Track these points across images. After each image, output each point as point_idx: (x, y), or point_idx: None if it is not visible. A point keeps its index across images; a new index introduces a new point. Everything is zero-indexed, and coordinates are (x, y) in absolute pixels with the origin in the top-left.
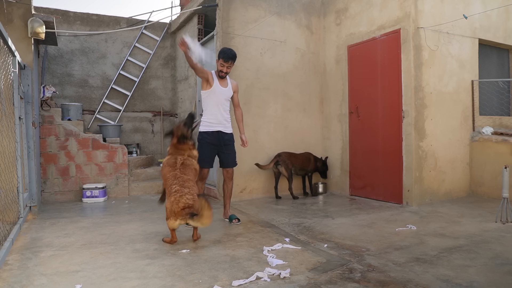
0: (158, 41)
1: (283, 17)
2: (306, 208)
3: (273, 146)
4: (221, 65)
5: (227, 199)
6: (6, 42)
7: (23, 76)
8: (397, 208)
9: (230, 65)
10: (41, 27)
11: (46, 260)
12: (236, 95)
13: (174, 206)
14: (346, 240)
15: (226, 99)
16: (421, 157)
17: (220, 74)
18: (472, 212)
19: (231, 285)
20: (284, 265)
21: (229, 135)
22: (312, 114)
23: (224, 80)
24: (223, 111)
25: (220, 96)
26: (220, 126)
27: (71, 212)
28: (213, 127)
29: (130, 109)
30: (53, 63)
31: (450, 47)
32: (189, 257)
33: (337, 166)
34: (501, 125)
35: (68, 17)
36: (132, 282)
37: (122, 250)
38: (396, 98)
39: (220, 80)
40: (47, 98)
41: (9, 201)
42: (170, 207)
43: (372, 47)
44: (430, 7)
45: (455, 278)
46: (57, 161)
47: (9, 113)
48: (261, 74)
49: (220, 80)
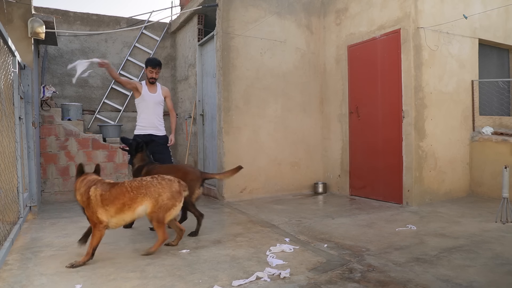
0: (158, 41)
1: (283, 17)
2: (306, 208)
3: (273, 146)
4: (150, 72)
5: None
6: (6, 42)
7: (23, 76)
8: (397, 208)
9: (157, 71)
10: (41, 27)
11: (46, 260)
12: (169, 99)
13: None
14: (346, 240)
15: (156, 103)
16: (421, 157)
17: (150, 80)
18: (472, 212)
19: (231, 285)
20: (284, 265)
21: (160, 137)
22: (312, 114)
23: (153, 86)
24: (155, 115)
25: (150, 101)
26: (152, 129)
27: (71, 212)
28: (145, 130)
29: (130, 109)
30: (53, 63)
31: (450, 47)
32: (189, 257)
33: (337, 166)
34: (501, 125)
35: (68, 17)
36: (132, 282)
37: (122, 250)
38: (396, 98)
39: (150, 87)
40: (47, 98)
41: (9, 201)
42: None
43: (372, 47)
44: (430, 7)
45: (455, 278)
46: (57, 161)
47: (9, 113)
48: (261, 74)
49: (150, 87)
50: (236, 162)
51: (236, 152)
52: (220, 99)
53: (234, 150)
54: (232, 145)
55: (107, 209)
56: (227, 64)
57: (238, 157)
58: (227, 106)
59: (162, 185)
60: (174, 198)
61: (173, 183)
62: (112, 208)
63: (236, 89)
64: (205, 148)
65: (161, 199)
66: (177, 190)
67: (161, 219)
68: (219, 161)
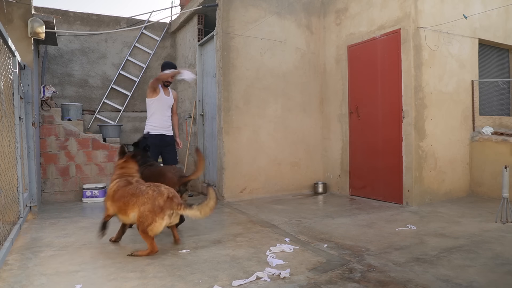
0: (158, 41)
1: (283, 17)
2: (306, 208)
3: (273, 146)
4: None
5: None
6: (6, 42)
7: (23, 76)
8: (397, 208)
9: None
10: (41, 27)
11: (46, 260)
12: (175, 103)
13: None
14: (346, 240)
15: (168, 106)
16: (421, 157)
17: (165, 84)
18: (472, 212)
19: (231, 285)
20: (284, 265)
21: (170, 137)
22: (312, 114)
23: (167, 89)
24: (166, 116)
25: (165, 103)
26: (163, 129)
27: (71, 212)
28: (157, 130)
29: (130, 109)
30: (53, 63)
31: (450, 47)
32: (189, 257)
33: (337, 166)
34: (501, 125)
35: (68, 17)
36: (132, 282)
37: (122, 250)
38: (396, 98)
39: (164, 90)
40: (47, 98)
41: (9, 201)
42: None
43: (372, 47)
44: (430, 7)
45: (455, 278)
46: (57, 161)
47: (9, 113)
48: (261, 74)
49: (164, 90)
50: (236, 162)
51: (236, 152)
52: (220, 99)
53: (234, 150)
54: (232, 145)
55: (113, 204)
56: (227, 64)
57: (238, 157)
58: (227, 106)
59: (149, 196)
60: (154, 212)
61: (157, 197)
62: (115, 206)
63: (236, 89)
64: (205, 148)
65: (143, 209)
66: (159, 205)
67: (144, 230)
68: (219, 161)
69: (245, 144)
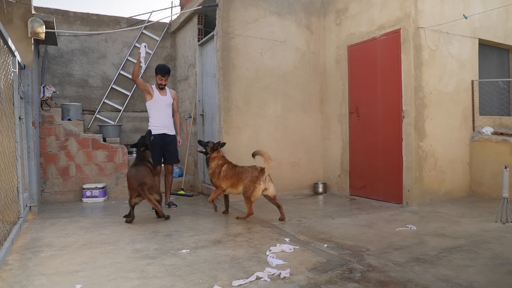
0: (158, 41)
1: (283, 17)
2: (306, 208)
3: (273, 146)
4: (160, 79)
5: (168, 190)
6: (6, 42)
7: (23, 76)
8: (397, 208)
9: (166, 78)
10: (41, 27)
11: (46, 260)
12: (176, 102)
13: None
14: (346, 240)
15: (167, 105)
16: (421, 157)
17: (160, 87)
18: (472, 212)
19: (231, 285)
20: (284, 265)
21: (171, 136)
22: (312, 114)
23: (163, 90)
24: (166, 116)
25: (162, 103)
26: (165, 129)
27: (71, 212)
28: (159, 130)
29: (130, 109)
30: (53, 63)
31: (450, 47)
32: (189, 257)
33: (337, 166)
34: (501, 125)
35: (68, 17)
36: (132, 282)
37: (122, 250)
38: (396, 98)
39: (160, 91)
40: (47, 98)
41: (9, 201)
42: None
43: (372, 47)
44: (430, 7)
45: (455, 278)
46: (57, 161)
47: (9, 113)
48: (261, 74)
49: (160, 91)
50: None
51: (236, 152)
52: (220, 99)
53: (234, 150)
54: (232, 145)
55: (226, 182)
56: (227, 64)
57: (238, 157)
58: (227, 106)
59: (248, 172)
60: (253, 181)
61: (253, 171)
62: (228, 182)
63: (236, 89)
64: None
65: (246, 181)
66: (256, 176)
67: (248, 196)
68: None
69: (245, 144)
